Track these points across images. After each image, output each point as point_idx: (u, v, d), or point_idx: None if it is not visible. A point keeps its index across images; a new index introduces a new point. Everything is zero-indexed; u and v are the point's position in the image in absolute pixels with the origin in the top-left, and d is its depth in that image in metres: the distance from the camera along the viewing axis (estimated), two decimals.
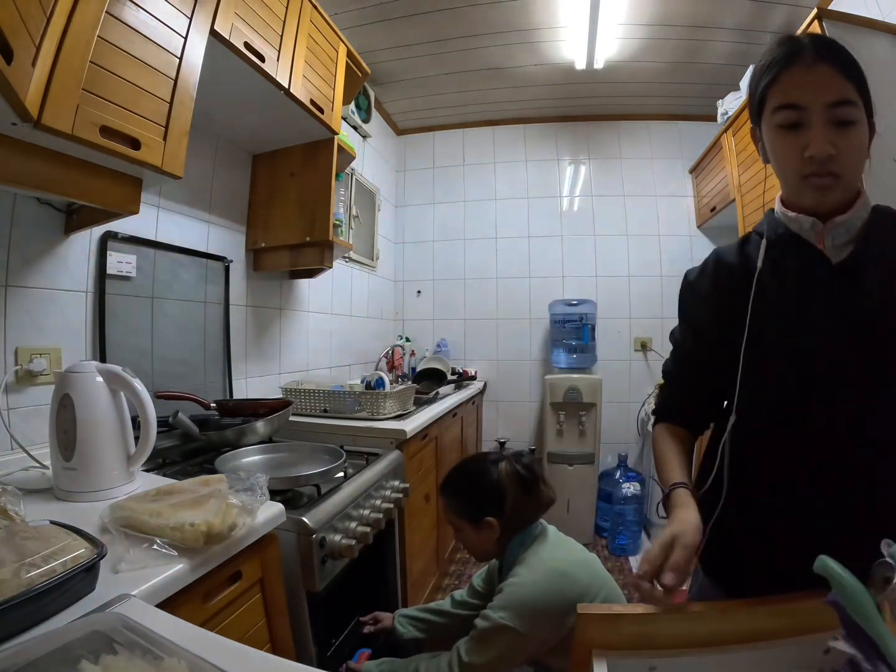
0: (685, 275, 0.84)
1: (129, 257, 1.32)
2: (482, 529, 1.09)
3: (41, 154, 0.85)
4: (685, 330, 0.83)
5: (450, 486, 1.17)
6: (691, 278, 0.82)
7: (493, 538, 1.08)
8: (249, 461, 1.28)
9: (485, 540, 1.09)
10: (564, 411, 2.80)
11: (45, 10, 0.74)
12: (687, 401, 0.83)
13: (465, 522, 1.11)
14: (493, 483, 1.09)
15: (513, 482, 1.09)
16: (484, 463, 1.14)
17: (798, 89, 0.63)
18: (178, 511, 0.74)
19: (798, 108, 0.63)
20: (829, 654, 0.56)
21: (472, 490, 1.12)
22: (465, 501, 1.12)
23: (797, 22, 1.72)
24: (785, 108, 0.64)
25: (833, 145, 0.61)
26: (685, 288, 0.83)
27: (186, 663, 0.43)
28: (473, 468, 1.15)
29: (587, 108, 3.09)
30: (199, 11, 1.07)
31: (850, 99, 0.62)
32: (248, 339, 1.85)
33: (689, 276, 0.83)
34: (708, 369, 0.78)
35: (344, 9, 2.11)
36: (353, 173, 2.62)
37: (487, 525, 1.07)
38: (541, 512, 1.11)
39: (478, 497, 1.10)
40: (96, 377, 0.92)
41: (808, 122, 0.63)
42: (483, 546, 1.12)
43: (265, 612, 0.88)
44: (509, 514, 1.07)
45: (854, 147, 0.63)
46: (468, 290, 3.29)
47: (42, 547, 0.57)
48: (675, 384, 0.86)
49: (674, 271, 3.01)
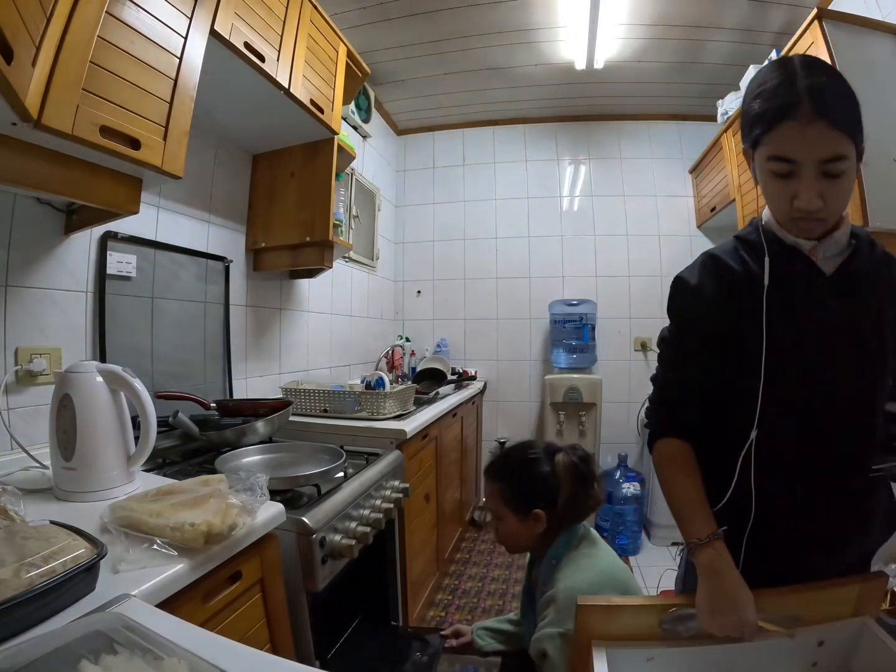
0: (680, 279, 0.82)
1: (129, 257, 1.32)
2: (527, 521, 1.02)
3: (41, 154, 0.85)
4: (687, 333, 0.80)
5: (500, 471, 1.09)
6: (693, 282, 0.79)
7: (536, 532, 1.01)
8: (249, 461, 1.28)
9: (527, 532, 1.03)
10: (564, 411, 2.80)
11: (45, 10, 0.74)
12: (692, 409, 0.79)
13: (510, 511, 1.04)
14: (548, 474, 1.02)
15: (569, 475, 1.01)
16: (539, 451, 1.07)
17: (792, 144, 0.63)
18: (179, 511, 0.74)
19: (790, 162, 0.64)
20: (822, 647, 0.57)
21: (524, 478, 1.04)
22: (516, 490, 1.04)
23: (797, 22, 1.72)
24: (778, 160, 0.65)
25: (822, 196, 0.64)
26: (685, 292, 0.80)
27: (186, 663, 0.43)
28: (527, 456, 1.07)
29: (587, 108, 3.09)
30: (199, 11, 1.07)
31: (843, 154, 0.62)
32: (248, 339, 1.85)
33: (688, 280, 0.80)
34: (712, 375, 0.77)
35: (344, 9, 2.11)
36: (353, 173, 2.62)
37: (535, 517, 1.01)
38: (590, 511, 1.04)
39: (530, 487, 1.03)
40: (96, 377, 0.91)
41: (798, 173, 0.64)
42: (523, 539, 1.05)
43: (265, 612, 0.88)
44: (560, 509, 1.00)
45: (842, 193, 0.66)
46: (468, 290, 3.29)
47: (42, 547, 0.57)
48: (678, 392, 0.81)
49: (673, 271, 2.93)
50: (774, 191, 0.69)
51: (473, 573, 2.43)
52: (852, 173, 0.65)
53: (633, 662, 0.62)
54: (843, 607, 0.66)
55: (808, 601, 0.64)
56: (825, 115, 0.61)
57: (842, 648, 0.65)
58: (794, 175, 0.65)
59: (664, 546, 2.65)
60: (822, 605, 0.62)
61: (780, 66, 0.67)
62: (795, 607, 0.63)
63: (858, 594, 0.65)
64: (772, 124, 0.64)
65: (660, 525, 2.67)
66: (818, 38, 1.57)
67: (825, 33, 1.55)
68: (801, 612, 0.62)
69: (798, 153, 0.63)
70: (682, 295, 0.81)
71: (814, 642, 0.64)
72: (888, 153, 1.41)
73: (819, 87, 0.62)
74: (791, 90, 0.63)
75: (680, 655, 0.63)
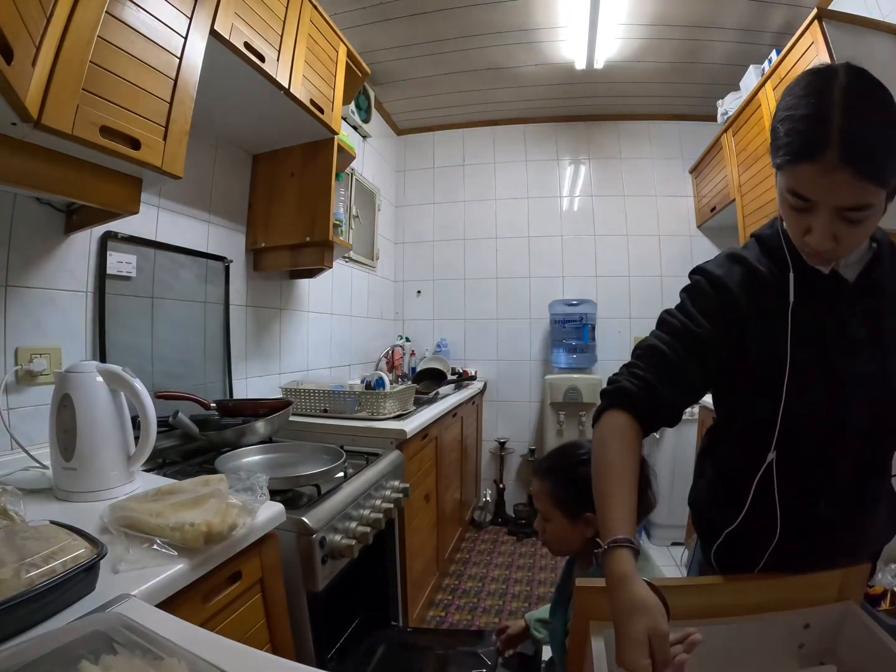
0: (703, 268, 0.75)
1: (129, 257, 1.32)
2: (578, 524, 0.97)
3: (41, 154, 0.85)
4: (698, 313, 0.72)
5: (552, 471, 1.04)
6: (718, 273, 0.73)
7: (585, 535, 0.96)
8: (249, 461, 1.28)
9: (577, 536, 0.98)
10: (564, 411, 2.81)
11: (45, 10, 0.74)
12: (671, 387, 0.69)
13: (560, 513, 0.99)
14: None
15: None
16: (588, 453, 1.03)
17: (812, 186, 0.58)
18: (179, 511, 0.74)
19: (807, 200, 0.59)
20: (808, 629, 0.59)
21: (577, 480, 0.98)
22: (569, 491, 0.99)
23: (797, 22, 1.72)
24: (795, 195, 0.61)
25: (835, 238, 0.60)
26: (709, 280, 0.73)
27: (186, 663, 0.43)
28: (579, 457, 1.01)
29: (587, 108, 3.10)
30: (199, 11, 1.07)
31: (866, 204, 0.56)
32: (248, 339, 1.85)
33: (712, 271, 0.74)
34: (707, 363, 0.70)
35: (344, 9, 2.11)
36: (353, 173, 2.62)
37: (585, 521, 0.96)
38: (645, 514, 0.98)
39: (582, 489, 0.95)
40: (96, 377, 0.91)
41: (815, 211, 0.59)
42: (571, 542, 1.00)
43: (265, 612, 0.88)
44: None
45: (859, 236, 0.61)
46: (468, 290, 3.29)
47: (42, 547, 0.57)
48: (660, 361, 0.71)
49: (674, 271, 3.01)
50: (789, 220, 0.65)
51: (473, 573, 2.43)
52: (877, 216, 0.59)
53: None
54: (827, 591, 0.68)
55: (792, 585, 0.67)
56: (853, 163, 0.54)
57: (827, 631, 0.67)
58: (810, 211, 0.60)
59: (664, 546, 2.65)
60: (807, 590, 0.64)
61: (817, 90, 0.57)
62: (780, 591, 0.66)
63: (842, 579, 0.67)
64: (792, 161, 0.58)
65: (660, 525, 2.66)
66: (818, 38, 1.57)
67: (825, 33, 1.55)
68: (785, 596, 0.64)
69: (816, 195, 0.58)
70: (704, 281, 0.74)
71: (800, 625, 0.66)
72: None
73: (854, 132, 0.54)
74: (820, 130, 0.55)
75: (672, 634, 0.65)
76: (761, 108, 2.02)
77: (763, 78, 2.02)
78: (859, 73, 0.57)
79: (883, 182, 0.56)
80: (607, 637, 0.59)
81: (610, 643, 0.57)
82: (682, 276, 0.81)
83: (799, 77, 0.62)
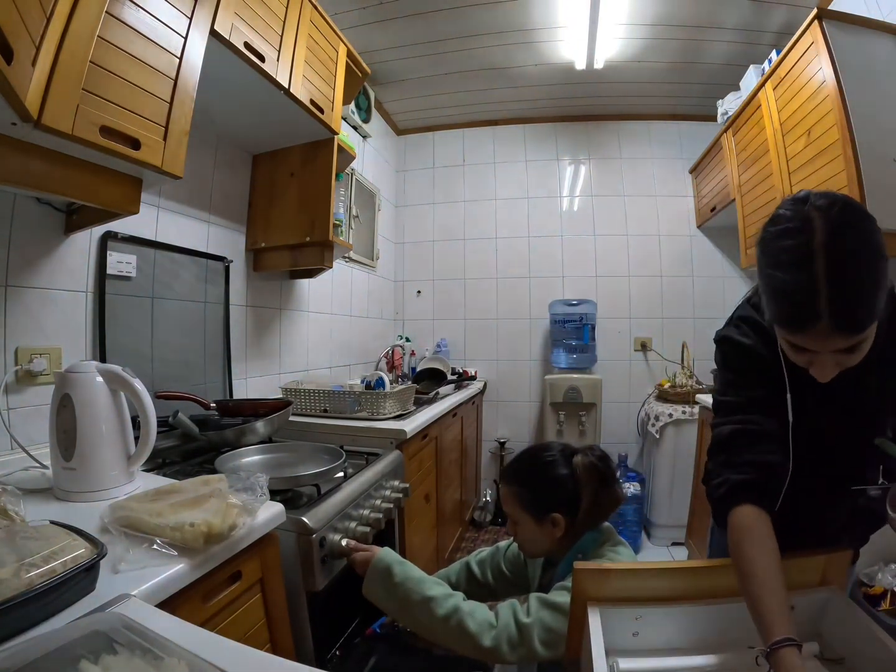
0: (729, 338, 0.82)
1: (129, 257, 1.32)
2: (545, 525, 1.00)
3: (41, 154, 0.85)
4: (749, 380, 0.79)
5: (517, 474, 1.06)
6: (745, 341, 0.80)
7: (554, 536, 0.99)
8: (249, 461, 1.28)
9: (546, 536, 1.00)
10: (564, 411, 2.81)
11: (45, 10, 0.74)
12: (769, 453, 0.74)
13: (528, 516, 1.01)
14: (566, 476, 0.99)
15: (590, 476, 0.98)
16: (556, 453, 1.04)
17: (808, 345, 0.63)
18: (179, 511, 0.74)
19: (807, 351, 0.65)
20: (793, 611, 0.63)
21: (542, 482, 1.02)
22: (534, 493, 1.02)
23: (797, 22, 1.72)
24: (792, 345, 0.66)
25: (838, 365, 0.64)
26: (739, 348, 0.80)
27: (186, 663, 0.43)
28: (545, 458, 1.04)
29: (587, 108, 3.09)
30: (198, 11, 1.07)
31: (862, 341, 0.61)
32: (248, 339, 1.85)
33: (738, 338, 0.81)
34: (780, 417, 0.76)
35: (344, 9, 2.11)
36: (353, 173, 2.62)
37: (552, 521, 0.99)
38: (612, 510, 1.01)
39: (548, 490, 1.01)
40: (96, 377, 0.91)
41: (814, 354, 0.64)
42: (542, 543, 1.02)
43: (265, 612, 0.88)
44: (582, 512, 0.97)
45: (860, 358, 0.64)
46: (468, 290, 3.29)
47: (42, 547, 0.57)
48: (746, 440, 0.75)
49: (674, 271, 3.01)
50: (790, 354, 0.69)
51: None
52: (873, 336, 0.63)
53: (623, 621, 0.70)
54: (811, 575, 0.74)
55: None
56: (844, 329, 0.59)
57: (812, 614, 0.72)
58: (810, 351, 0.64)
59: (664, 546, 2.65)
60: (792, 572, 0.68)
61: (799, 258, 0.59)
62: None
63: (825, 564, 0.74)
64: (787, 330, 0.64)
65: (660, 525, 2.67)
66: (818, 38, 1.57)
67: (825, 33, 1.55)
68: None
69: (813, 348, 0.63)
70: (736, 350, 0.81)
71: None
72: (888, 153, 1.41)
73: (842, 303, 0.57)
74: (810, 306, 0.58)
75: (663, 615, 0.71)
76: (761, 109, 2.02)
77: (763, 78, 2.02)
78: (838, 228, 0.58)
79: (872, 322, 0.60)
80: (602, 612, 0.68)
81: (605, 620, 0.66)
82: (682, 276, 0.84)
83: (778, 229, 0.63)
